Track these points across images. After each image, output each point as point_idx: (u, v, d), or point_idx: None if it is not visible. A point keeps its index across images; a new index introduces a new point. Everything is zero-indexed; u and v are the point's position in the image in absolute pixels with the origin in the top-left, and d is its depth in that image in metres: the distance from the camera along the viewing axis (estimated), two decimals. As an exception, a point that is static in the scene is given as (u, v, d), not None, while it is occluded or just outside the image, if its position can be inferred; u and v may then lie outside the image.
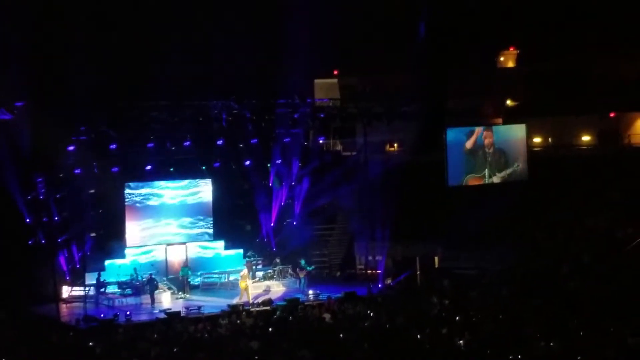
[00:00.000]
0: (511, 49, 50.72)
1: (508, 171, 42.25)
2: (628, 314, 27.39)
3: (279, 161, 41.37)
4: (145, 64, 40.28)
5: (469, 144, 41.75)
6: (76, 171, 37.33)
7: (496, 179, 42.15)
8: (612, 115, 47.70)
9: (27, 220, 36.58)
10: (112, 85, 39.21)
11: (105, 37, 40.31)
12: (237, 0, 43.28)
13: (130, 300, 35.85)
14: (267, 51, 42.52)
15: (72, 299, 36.57)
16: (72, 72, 36.82)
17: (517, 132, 43.13)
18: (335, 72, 49.99)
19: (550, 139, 48.27)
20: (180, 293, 37.00)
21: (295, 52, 40.36)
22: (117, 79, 39.72)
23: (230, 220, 41.37)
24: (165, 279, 38.25)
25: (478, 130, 42.02)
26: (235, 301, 34.79)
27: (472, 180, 41.87)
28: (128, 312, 32.99)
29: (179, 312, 32.83)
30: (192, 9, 42.71)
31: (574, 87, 47.67)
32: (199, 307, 33.80)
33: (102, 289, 36.49)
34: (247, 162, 40.68)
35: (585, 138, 47.90)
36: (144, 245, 39.15)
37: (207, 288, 38.39)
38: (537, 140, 47.65)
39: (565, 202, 40.51)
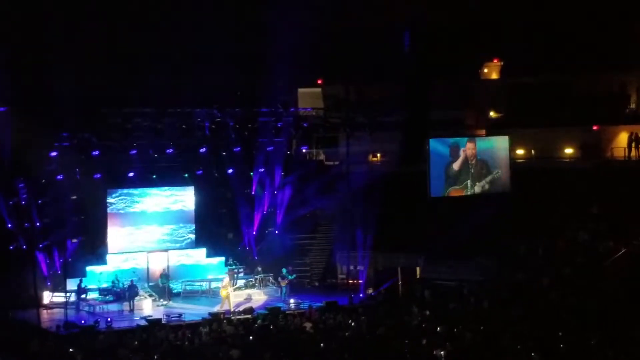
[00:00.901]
0: (495, 61, 50.89)
1: (488, 179, 42.32)
2: (609, 327, 27.54)
3: (261, 170, 41.35)
4: (129, 71, 40.22)
5: (456, 166, 41.83)
6: (58, 177, 37.22)
7: (477, 189, 42.20)
8: (595, 128, 47.90)
9: (9, 225, 36.45)
10: (95, 91, 39.14)
11: (89, 43, 40.20)
12: (222, 8, 43.26)
13: (112, 307, 35.71)
14: (250, 60, 42.52)
15: (53, 305, 36.39)
16: (55, 77, 36.74)
17: (500, 144, 43.26)
18: (319, 81, 50.03)
19: (533, 151, 48.42)
20: (161, 300, 36.88)
21: (279, 60, 40.38)
22: (101, 85, 39.65)
23: (213, 228, 41.32)
24: (146, 285, 38.12)
25: (463, 149, 42.09)
26: (216, 309, 34.71)
27: (454, 191, 41.95)
28: (109, 319, 32.83)
29: (160, 320, 32.72)
30: (176, 17, 42.67)
31: (558, 100, 47.88)
32: (180, 315, 33.69)
33: (83, 295, 36.33)
34: (230, 171, 40.65)
35: (568, 151, 48.07)
36: (126, 252, 39.02)
37: (189, 295, 38.27)
38: (520, 152, 47.81)
39: (547, 214, 40.64)
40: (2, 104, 36.82)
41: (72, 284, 36.53)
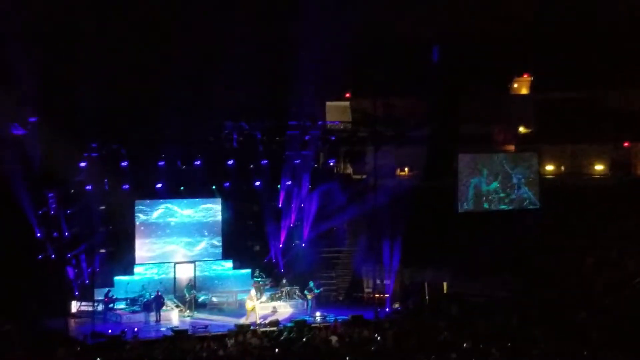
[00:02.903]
0: (525, 76, 50.70)
1: (516, 195, 41.93)
2: (638, 345, 27.27)
3: (288, 182, 41.37)
4: (158, 83, 40.46)
5: (484, 181, 41.53)
6: (87, 187, 37.51)
7: (506, 204, 41.90)
8: (625, 144, 47.54)
9: (38, 235, 36.72)
10: (124, 102, 39.43)
11: (119, 55, 40.50)
12: (251, 22, 43.43)
13: (138, 317, 35.80)
14: (279, 73, 42.62)
15: (81, 314, 36.56)
16: (84, 89, 37.04)
17: (529, 159, 43.00)
18: (348, 95, 50.06)
19: (562, 167, 48.15)
20: (187, 311, 36.91)
21: (307, 74, 40.44)
22: (130, 96, 39.92)
23: (239, 240, 41.30)
24: (173, 296, 38.18)
25: (490, 165, 41.88)
26: (242, 321, 34.68)
27: (482, 206, 41.72)
28: (135, 329, 32.93)
29: (186, 331, 32.77)
30: (206, 29, 42.89)
31: (588, 116, 47.60)
32: (206, 326, 33.73)
33: (111, 305, 36.47)
34: (257, 183, 40.72)
35: (598, 167, 47.74)
36: (153, 263, 39.14)
37: (215, 307, 38.31)
38: (549, 168, 47.54)
39: (576, 231, 40.34)
40: (31, 114, 37.20)
41: (99, 294, 36.71)
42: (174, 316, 36.33)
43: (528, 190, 42.20)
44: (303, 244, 41.75)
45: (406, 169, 47.86)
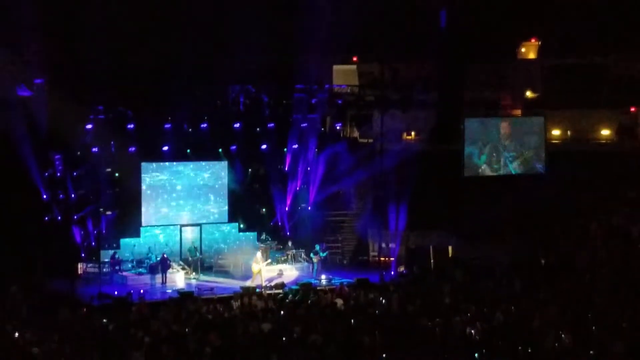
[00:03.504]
0: (532, 40, 50.36)
1: (522, 159, 41.95)
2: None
3: (295, 146, 41.35)
4: (165, 45, 40.36)
5: (491, 146, 41.47)
6: (93, 150, 37.59)
7: (512, 169, 41.92)
8: (632, 109, 47.33)
9: (44, 196, 36.82)
10: (131, 64, 39.37)
11: (125, 17, 40.39)
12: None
13: (144, 279, 36.00)
14: (286, 36, 42.45)
15: (87, 276, 36.74)
16: (91, 50, 37.01)
17: (535, 124, 42.92)
18: (355, 59, 49.86)
19: (569, 132, 47.98)
20: (193, 273, 37.11)
21: (314, 37, 40.30)
22: (137, 59, 39.86)
23: (245, 203, 41.38)
24: (179, 259, 38.35)
25: (498, 129, 41.84)
26: (248, 284, 34.86)
27: (488, 171, 41.75)
28: (142, 291, 33.10)
29: (191, 293, 32.96)
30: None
31: (595, 81, 47.35)
32: (212, 288, 33.93)
33: (117, 267, 36.67)
34: (264, 146, 40.72)
35: (605, 132, 47.57)
36: (159, 225, 39.25)
37: (220, 270, 38.47)
38: (555, 133, 47.39)
39: (581, 196, 40.32)
40: (38, 76, 37.19)
41: (105, 256, 36.90)
42: (179, 278, 36.50)
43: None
44: (309, 208, 41.82)
45: (413, 133, 47.75)
